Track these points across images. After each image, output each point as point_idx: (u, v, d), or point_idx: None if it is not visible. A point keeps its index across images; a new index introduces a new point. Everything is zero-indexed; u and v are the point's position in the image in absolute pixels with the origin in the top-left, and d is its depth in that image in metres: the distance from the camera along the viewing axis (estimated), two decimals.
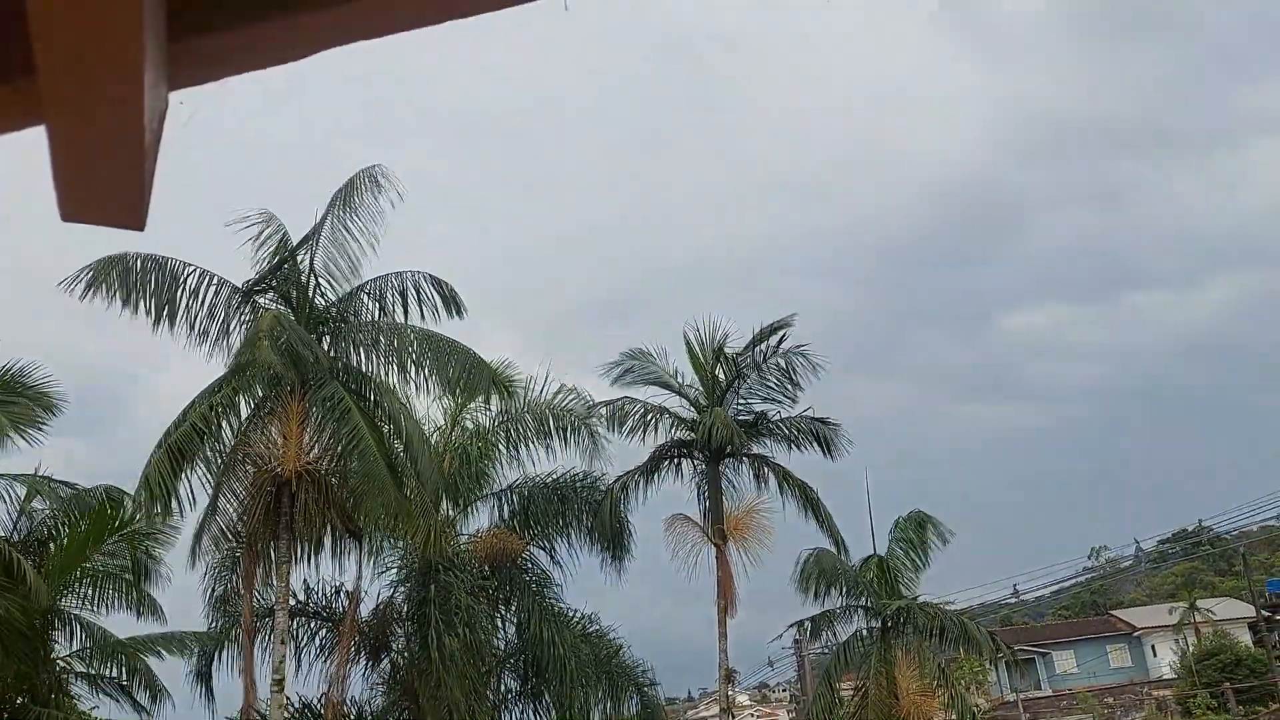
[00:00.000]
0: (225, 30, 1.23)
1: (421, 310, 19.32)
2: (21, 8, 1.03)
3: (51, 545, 18.98)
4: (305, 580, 21.07)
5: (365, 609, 21.54)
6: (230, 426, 18.51)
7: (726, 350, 25.79)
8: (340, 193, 19.20)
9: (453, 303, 19.39)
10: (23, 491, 19.41)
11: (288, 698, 18.74)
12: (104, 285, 17.74)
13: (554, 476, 24.34)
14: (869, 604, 25.87)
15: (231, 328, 18.79)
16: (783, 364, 25.40)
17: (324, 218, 19.07)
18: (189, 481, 17.60)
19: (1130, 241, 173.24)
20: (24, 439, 18.17)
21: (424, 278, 19.46)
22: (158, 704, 21.42)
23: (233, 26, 1.23)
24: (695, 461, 25.79)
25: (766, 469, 25.43)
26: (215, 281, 18.80)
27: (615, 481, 24.89)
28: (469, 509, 23.72)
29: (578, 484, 24.49)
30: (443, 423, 23.49)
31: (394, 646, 21.98)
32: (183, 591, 21.33)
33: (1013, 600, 68.88)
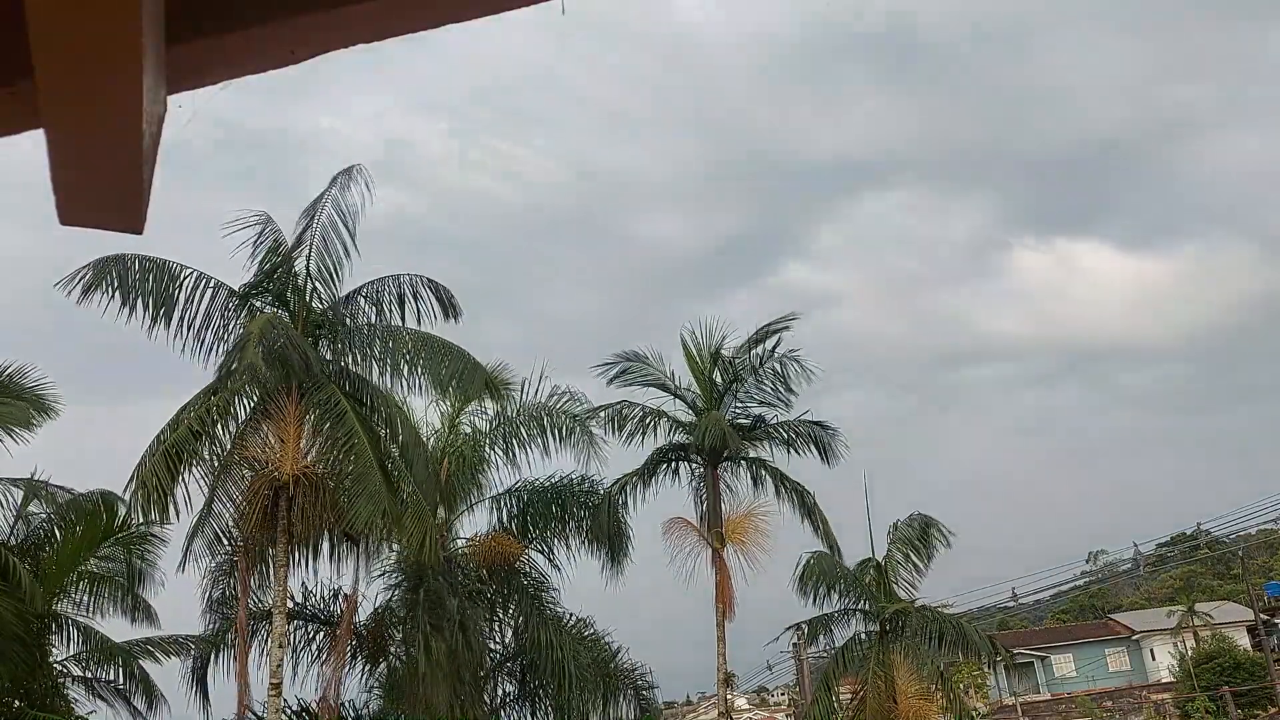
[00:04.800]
0: (224, 33, 1.22)
1: (419, 313, 19.37)
2: (20, 11, 1.03)
3: (48, 548, 18.95)
4: (304, 583, 21.07)
5: (365, 612, 21.53)
6: (226, 430, 18.46)
7: (723, 353, 25.77)
8: (324, 195, 19.13)
9: (450, 306, 19.43)
10: (20, 495, 19.40)
11: (285, 701, 18.70)
12: (102, 285, 17.72)
13: (552, 480, 24.31)
14: (867, 607, 25.83)
15: (230, 331, 18.76)
16: (778, 368, 25.39)
17: (312, 221, 19.05)
18: (185, 484, 17.56)
19: None
20: (14, 440, 18.13)
21: (422, 281, 19.47)
22: (154, 708, 21.38)
23: (231, 29, 1.22)
24: (693, 465, 25.76)
25: (764, 473, 25.41)
26: (213, 285, 18.78)
27: (614, 485, 24.86)
28: (467, 512, 23.68)
29: (576, 487, 24.45)
30: (440, 426, 23.46)
31: (391, 650, 21.92)
32: (179, 595, 21.29)
33: (1011, 604, 68.87)
